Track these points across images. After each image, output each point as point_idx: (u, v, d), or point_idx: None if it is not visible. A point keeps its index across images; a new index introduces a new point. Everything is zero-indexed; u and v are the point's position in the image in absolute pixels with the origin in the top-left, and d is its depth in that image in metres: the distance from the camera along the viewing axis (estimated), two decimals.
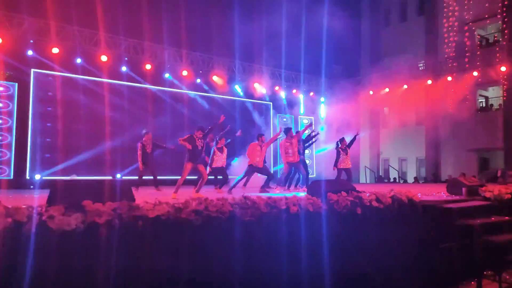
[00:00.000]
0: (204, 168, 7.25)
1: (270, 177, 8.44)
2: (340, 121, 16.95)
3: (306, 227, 4.43)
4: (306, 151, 10.01)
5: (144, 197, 4.74)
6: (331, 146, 15.92)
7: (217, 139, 9.04)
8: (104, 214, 3.24)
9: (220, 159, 8.87)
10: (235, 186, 8.24)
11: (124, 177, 11.45)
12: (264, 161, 8.85)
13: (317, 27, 12.96)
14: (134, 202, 3.70)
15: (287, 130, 9.14)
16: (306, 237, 4.36)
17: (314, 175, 16.00)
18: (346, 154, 9.41)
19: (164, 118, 12.33)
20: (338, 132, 16.68)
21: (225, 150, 9.00)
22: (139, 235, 3.47)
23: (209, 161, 8.86)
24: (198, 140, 7.00)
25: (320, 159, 16.18)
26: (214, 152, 8.82)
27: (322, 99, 17.02)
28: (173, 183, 7.77)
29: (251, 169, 8.32)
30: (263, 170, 8.52)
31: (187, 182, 9.07)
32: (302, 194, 7.74)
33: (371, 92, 17.19)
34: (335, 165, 9.39)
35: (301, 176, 9.40)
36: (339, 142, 9.55)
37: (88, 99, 11.20)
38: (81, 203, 3.34)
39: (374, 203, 5.04)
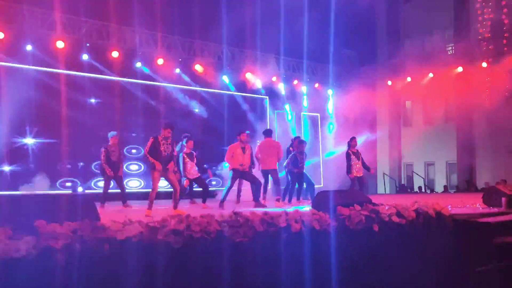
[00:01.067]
0: (174, 177, 7.21)
1: (258, 186, 8.53)
2: (353, 119, 17.04)
3: (311, 249, 4.46)
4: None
5: (111, 215, 4.74)
6: (342, 149, 15.99)
7: (182, 142, 9.06)
8: (61, 237, 3.25)
9: (193, 168, 8.91)
10: (225, 199, 8.30)
11: (86, 191, 11.41)
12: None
13: (324, 4, 13.04)
14: (99, 221, 3.71)
15: (267, 133, 9.16)
16: (311, 261, 4.40)
17: (321, 185, 16.06)
18: (358, 158, 9.47)
19: (135, 117, 12.26)
20: (350, 131, 16.78)
21: (195, 155, 9.03)
22: (105, 261, 3.48)
23: (182, 171, 8.90)
24: (163, 143, 6.96)
25: (328, 164, 16.26)
26: (183, 158, 8.84)
27: (330, 91, 17.06)
28: (145, 197, 7.76)
29: (235, 174, 8.40)
30: (248, 176, 8.61)
31: (164, 196, 9.16)
32: (305, 208, 7.84)
33: (389, 83, 17.30)
34: (348, 172, 9.47)
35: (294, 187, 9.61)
36: (349, 143, 9.63)
37: (40, 94, 11.04)
38: (33, 223, 3.34)
39: (395, 218, 5.10)
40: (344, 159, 9.66)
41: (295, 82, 16.13)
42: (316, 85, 16.61)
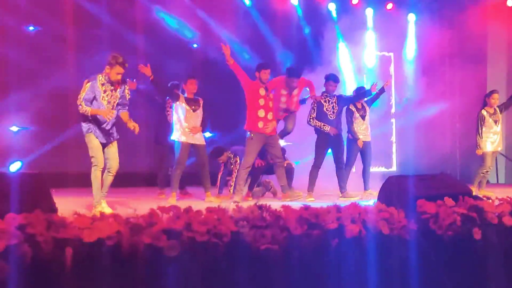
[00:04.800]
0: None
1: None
2: (447, 61, 16.95)
3: (376, 263, 4.66)
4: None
5: (73, 204, 5.01)
6: (431, 110, 16.12)
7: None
8: (3, 236, 3.52)
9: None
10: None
11: (28, 168, 11.82)
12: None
13: None
14: (56, 214, 3.97)
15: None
16: (375, 282, 4.59)
17: (393, 168, 16.17)
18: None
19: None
20: (441, 81, 16.76)
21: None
22: (66, 274, 3.74)
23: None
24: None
25: (405, 135, 16.35)
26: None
27: (412, 16, 17.02)
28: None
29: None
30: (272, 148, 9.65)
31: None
32: (368, 201, 8.15)
33: (509, 3, 17.10)
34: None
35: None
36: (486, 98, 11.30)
37: None
38: None
39: (508, 220, 5.25)
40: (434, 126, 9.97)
41: (355, 1, 16.11)
42: (389, 5, 16.55)
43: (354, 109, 10.75)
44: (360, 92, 10.93)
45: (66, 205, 5.10)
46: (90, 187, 7.40)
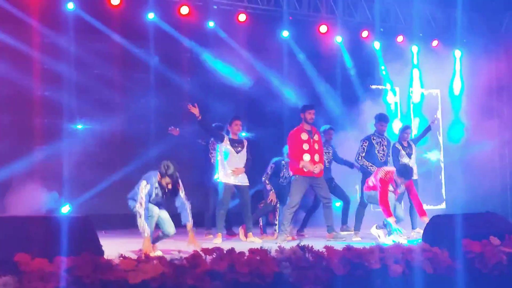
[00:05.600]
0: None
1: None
2: (495, 97, 16.85)
3: None
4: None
5: (119, 246, 5.13)
6: (483, 145, 15.97)
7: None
8: (52, 277, 3.65)
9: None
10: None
11: (77, 211, 12.05)
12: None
13: None
14: (103, 256, 4.10)
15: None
16: None
17: (443, 206, 16.00)
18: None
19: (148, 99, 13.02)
20: (490, 117, 16.62)
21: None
22: None
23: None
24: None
25: (455, 172, 16.22)
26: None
27: (458, 53, 16.98)
28: None
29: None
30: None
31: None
32: (413, 241, 8.13)
33: None
34: None
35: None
36: None
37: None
38: (12, 258, 3.77)
39: None
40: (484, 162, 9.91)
41: (400, 38, 16.16)
42: (435, 42, 16.56)
43: (400, 147, 10.75)
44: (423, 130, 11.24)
45: (112, 247, 5.22)
46: (136, 228, 7.55)
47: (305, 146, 9.43)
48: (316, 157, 9.44)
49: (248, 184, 9.73)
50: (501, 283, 4.98)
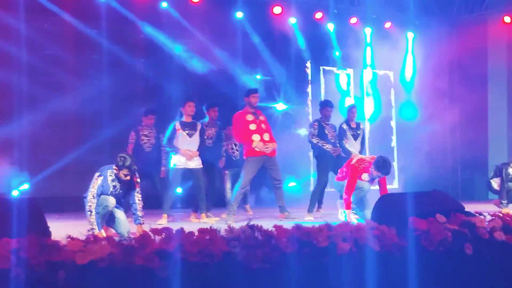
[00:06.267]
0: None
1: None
2: (447, 79, 17.07)
3: (369, 280, 4.74)
4: None
5: (69, 228, 5.09)
6: (434, 125, 16.17)
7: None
8: None
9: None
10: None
11: (27, 193, 11.94)
12: None
13: None
14: (50, 238, 4.07)
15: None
16: None
17: (396, 186, 16.22)
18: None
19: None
20: (443, 98, 16.84)
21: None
22: None
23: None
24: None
25: (406, 152, 16.44)
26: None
27: (410, 34, 17.16)
28: None
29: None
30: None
31: None
32: (356, 219, 8.21)
33: (507, 19, 17.22)
34: None
35: None
36: None
37: None
38: None
39: (499, 235, 5.33)
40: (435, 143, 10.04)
41: (353, 20, 16.24)
42: (388, 24, 16.69)
43: (346, 127, 10.70)
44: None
45: (62, 229, 5.18)
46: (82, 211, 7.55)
47: (252, 127, 9.55)
48: (266, 136, 9.55)
49: (201, 167, 9.75)
50: (446, 259, 5.09)
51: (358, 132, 10.81)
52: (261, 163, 9.61)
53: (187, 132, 9.61)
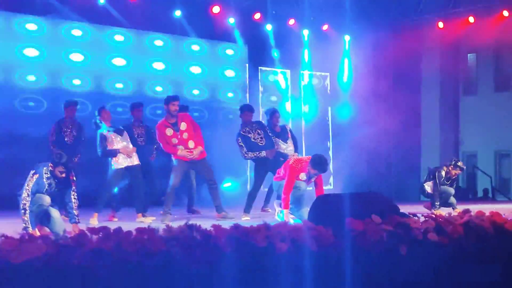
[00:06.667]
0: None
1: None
2: (384, 83, 17.37)
3: (305, 280, 4.78)
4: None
5: (2, 226, 4.98)
6: (369, 129, 16.40)
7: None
8: None
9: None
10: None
11: None
12: None
13: None
14: None
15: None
16: None
17: (331, 186, 16.43)
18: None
19: None
20: (378, 102, 17.11)
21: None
22: None
23: None
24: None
25: (342, 154, 16.63)
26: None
27: (347, 37, 17.39)
28: None
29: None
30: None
31: None
32: (292, 220, 8.29)
33: (441, 25, 17.60)
34: None
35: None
36: None
37: None
38: None
39: (432, 236, 5.44)
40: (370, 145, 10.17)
41: (291, 21, 16.37)
42: (325, 27, 16.87)
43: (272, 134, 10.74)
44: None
45: None
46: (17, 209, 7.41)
47: (174, 141, 9.57)
48: (191, 144, 9.60)
49: (138, 163, 9.71)
50: (382, 259, 5.16)
51: (286, 134, 10.90)
52: (190, 166, 9.85)
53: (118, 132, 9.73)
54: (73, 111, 10.35)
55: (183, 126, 9.64)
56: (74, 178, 7.68)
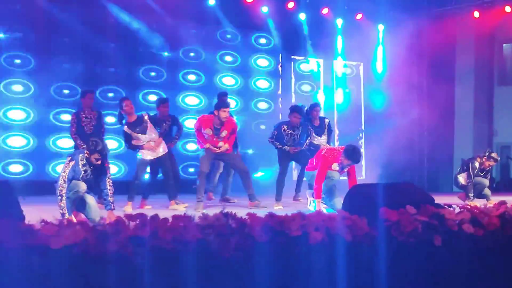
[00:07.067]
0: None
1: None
2: (416, 71, 17.25)
3: (339, 270, 4.79)
4: None
5: (41, 212, 5.05)
6: (402, 119, 16.36)
7: None
8: None
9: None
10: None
11: None
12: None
13: None
14: (24, 222, 4.04)
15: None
16: None
17: (362, 176, 16.40)
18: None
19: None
20: (410, 89, 17.03)
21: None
22: (34, 279, 3.83)
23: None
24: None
25: (375, 145, 16.57)
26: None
27: (381, 26, 17.29)
28: None
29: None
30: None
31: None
32: (325, 209, 8.27)
33: (476, 14, 17.44)
34: None
35: None
36: None
37: None
38: None
39: (467, 228, 5.41)
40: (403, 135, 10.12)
41: (325, 10, 16.31)
42: (359, 16, 16.79)
43: (311, 127, 11.04)
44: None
45: (33, 213, 5.14)
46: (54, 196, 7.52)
47: (207, 138, 9.80)
48: (220, 144, 9.76)
49: (166, 152, 9.82)
50: (416, 250, 5.15)
51: (323, 129, 11.18)
52: (217, 157, 10.03)
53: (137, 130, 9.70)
54: (91, 100, 10.36)
55: (224, 133, 9.78)
56: (109, 166, 7.77)
